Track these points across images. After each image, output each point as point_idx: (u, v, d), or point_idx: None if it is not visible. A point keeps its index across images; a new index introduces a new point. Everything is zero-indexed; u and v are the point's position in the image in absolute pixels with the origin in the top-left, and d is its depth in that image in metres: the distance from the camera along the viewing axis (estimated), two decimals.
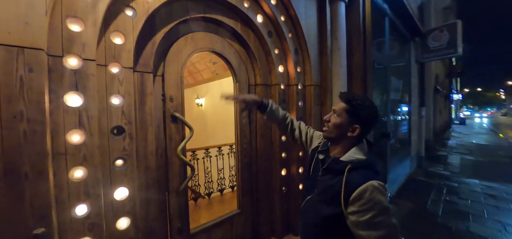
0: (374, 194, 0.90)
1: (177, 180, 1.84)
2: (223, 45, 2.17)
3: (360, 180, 0.94)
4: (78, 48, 1.20)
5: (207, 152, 3.69)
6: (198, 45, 2.00)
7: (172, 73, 1.82)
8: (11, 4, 0.96)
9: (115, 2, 1.38)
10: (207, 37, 2.05)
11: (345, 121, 1.05)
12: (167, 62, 1.79)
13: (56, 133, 1.14)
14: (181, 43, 1.87)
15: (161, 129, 1.78)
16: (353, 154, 1.03)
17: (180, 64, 1.87)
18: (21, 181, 0.98)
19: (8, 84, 0.95)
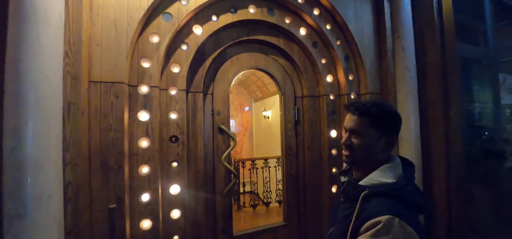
0: (390, 234, 0.67)
1: (222, 184, 2.09)
2: (267, 61, 2.33)
3: (375, 211, 0.73)
4: (147, 79, 1.67)
5: (266, 162, 3.87)
6: (243, 65, 2.24)
7: (220, 91, 2.13)
8: (108, 55, 1.49)
9: (173, 41, 1.82)
10: (251, 56, 2.26)
11: (373, 138, 0.87)
12: (216, 82, 2.12)
13: (132, 139, 1.61)
14: (227, 65, 2.17)
15: (210, 138, 2.10)
16: (375, 176, 0.84)
17: (227, 83, 2.16)
18: (109, 171, 1.46)
19: (104, 107, 1.47)
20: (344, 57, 2.36)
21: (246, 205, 3.73)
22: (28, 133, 1.16)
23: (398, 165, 0.87)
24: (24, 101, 1.15)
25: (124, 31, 1.54)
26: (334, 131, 2.37)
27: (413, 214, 0.74)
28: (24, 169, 1.14)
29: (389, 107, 0.92)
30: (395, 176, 0.83)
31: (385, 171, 0.84)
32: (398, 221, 0.69)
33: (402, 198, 0.76)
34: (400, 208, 0.73)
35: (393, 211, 0.71)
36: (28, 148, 1.16)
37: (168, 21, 1.74)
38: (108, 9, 1.51)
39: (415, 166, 0.95)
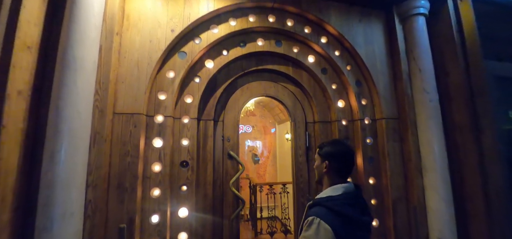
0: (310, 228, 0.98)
1: (230, 209, 2.12)
2: (277, 89, 2.41)
3: (310, 214, 1.04)
4: (162, 109, 1.88)
5: (284, 187, 3.78)
6: (253, 93, 2.36)
7: (230, 118, 2.25)
8: (130, 91, 1.75)
9: (187, 75, 2.03)
10: (261, 85, 2.37)
11: (318, 161, 1.23)
12: (226, 110, 2.26)
13: (146, 164, 1.79)
14: (238, 94, 2.30)
15: (220, 163, 2.20)
16: (322, 193, 1.15)
17: (237, 111, 2.28)
18: (123, 193, 1.64)
19: (124, 135, 1.69)
20: (355, 82, 2.31)
21: (264, 232, 3.63)
22: (60, 158, 1.40)
23: (344, 187, 1.12)
24: (59, 132, 1.41)
25: (144, 70, 1.80)
26: None
27: (339, 220, 0.99)
28: (54, 189, 1.37)
29: (335, 140, 1.34)
30: (335, 193, 1.10)
31: (330, 190, 1.13)
32: (319, 220, 0.98)
33: (330, 207, 1.03)
34: (325, 213, 1.00)
35: (318, 214, 1.00)
36: (59, 171, 1.39)
37: (182, 59, 1.97)
38: (132, 51, 1.80)
39: (361, 188, 1.22)
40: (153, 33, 1.85)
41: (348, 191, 1.11)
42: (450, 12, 2.12)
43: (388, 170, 2.13)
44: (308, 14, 2.21)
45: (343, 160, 1.16)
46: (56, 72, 1.47)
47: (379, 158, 2.24)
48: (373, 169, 2.22)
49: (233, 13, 2.10)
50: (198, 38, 2.02)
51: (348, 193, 1.10)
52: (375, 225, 2.15)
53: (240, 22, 2.12)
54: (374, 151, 2.25)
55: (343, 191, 1.10)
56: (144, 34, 1.83)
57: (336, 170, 1.16)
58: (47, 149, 1.41)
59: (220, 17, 2.07)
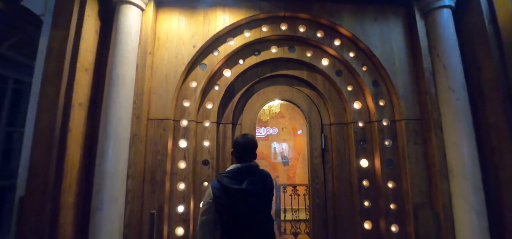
0: (208, 188, 1.58)
1: None
2: (292, 92, 2.51)
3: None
4: (186, 115, 2.17)
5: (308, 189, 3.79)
6: (268, 97, 2.51)
7: (247, 121, 2.44)
8: (160, 100, 2.08)
9: (208, 84, 2.30)
10: (276, 89, 2.51)
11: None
12: (244, 114, 2.46)
13: (173, 162, 2.10)
14: (254, 99, 2.48)
15: None
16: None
17: (253, 114, 2.46)
18: (155, 185, 1.96)
19: (155, 137, 2.03)
20: (372, 82, 2.26)
21: (287, 232, 3.70)
22: (108, 155, 1.79)
23: (237, 166, 1.61)
24: (107, 135, 1.80)
25: (171, 82, 2.12)
26: (364, 160, 2.23)
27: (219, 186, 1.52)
28: (104, 178, 1.75)
29: (241, 135, 1.75)
30: (227, 170, 1.64)
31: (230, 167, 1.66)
32: (208, 184, 1.64)
33: (218, 178, 1.58)
34: (213, 182, 1.57)
35: (211, 182, 1.59)
36: (107, 165, 1.77)
37: (203, 70, 2.24)
38: (162, 67, 2.14)
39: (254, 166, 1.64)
40: (178, 50, 2.16)
41: (237, 168, 1.58)
42: (481, 1, 1.92)
43: (409, 173, 2.03)
44: (319, 19, 2.26)
45: (240, 149, 1.64)
46: (105, 87, 1.88)
47: (398, 161, 2.14)
48: (392, 172, 2.13)
49: (247, 25, 2.30)
50: (216, 50, 2.27)
51: (236, 169, 1.57)
52: (395, 230, 2.06)
53: (254, 32, 2.30)
54: (394, 153, 2.16)
55: (232, 168, 1.59)
56: (171, 52, 2.16)
57: (236, 155, 1.66)
58: (99, 147, 1.81)
59: (235, 30, 2.29)
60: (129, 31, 1.96)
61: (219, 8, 2.24)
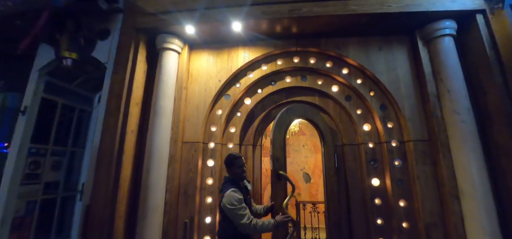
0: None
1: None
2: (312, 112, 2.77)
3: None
4: (213, 138, 2.55)
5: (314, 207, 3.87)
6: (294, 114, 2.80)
7: (277, 138, 2.74)
8: (192, 127, 2.50)
9: (231, 112, 2.68)
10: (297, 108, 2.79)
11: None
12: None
13: (202, 178, 2.46)
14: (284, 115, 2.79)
15: (258, 181, 2.68)
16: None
17: (283, 131, 2.75)
18: (187, 198, 2.32)
19: (188, 157, 2.42)
20: (380, 106, 2.44)
21: None
22: (152, 171, 2.21)
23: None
24: (151, 155, 2.24)
25: (201, 111, 2.54)
26: (376, 179, 2.37)
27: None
28: (148, 190, 2.16)
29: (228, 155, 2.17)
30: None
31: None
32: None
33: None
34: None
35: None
36: (150, 179, 2.19)
37: (227, 99, 2.64)
38: (193, 99, 2.57)
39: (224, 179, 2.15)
40: (207, 84, 2.59)
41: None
42: (481, 29, 2.06)
43: (419, 193, 2.13)
44: (328, 52, 2.56)
45: (225, 164, 2.13)
46: (150, 117, 2.35)
47: (409, 180, 2.24)
48: (403, 191, 2.24)
49: (264, 60, 2.67)
50: (238, 83, 2.66)
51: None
52: None
53: (270, 66, 2.66)
54: (404, 173, 2.27)
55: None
56: (200, 85, 2.60)
57: (230, 172, 2.11)
58: (145, 165, 2.25)
59: (254, 65, 2.68)
60: (168, 71, 2.45)
61: (240, 47, 2.67)
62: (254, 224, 1.87)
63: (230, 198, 1.87)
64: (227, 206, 1.86)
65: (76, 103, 3.19)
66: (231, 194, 1.89)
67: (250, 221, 1.87)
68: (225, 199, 1.89)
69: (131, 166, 2.29)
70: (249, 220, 1.87)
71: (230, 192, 1.91)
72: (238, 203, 1.87)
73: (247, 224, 1.85)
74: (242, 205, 1.89)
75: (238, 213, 1.85)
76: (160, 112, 2.35)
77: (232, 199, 1.87)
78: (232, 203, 1.86)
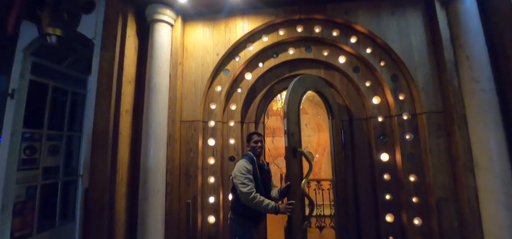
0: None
1: None
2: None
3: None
4: (213, 116, 2.42)
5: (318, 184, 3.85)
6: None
7: (291, 110, 2.61)
8: (190, 105, 2.36)
9: (231, 88, 2.52)
10: None
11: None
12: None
13: (204, 158, 2.37)
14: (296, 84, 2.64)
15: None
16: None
17: (296, 105, 2.62)
18: (189, 178, 2.25)
19: (188, 137, 2.31)
20: (391, 77, 2.27)
21: (312, 226, 3.80)
22: (150, 153, 2.11)
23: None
24: (148, 136, 2.13)
25: (199, 88, 2.38)
26: (385, 154, 2.27)
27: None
28: (148, 173, 2.08)
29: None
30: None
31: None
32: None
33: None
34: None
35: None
36: (149, 162, 2.10)
37: (226, 75, 2.47)
38: (190, 75, 2.41)
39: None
40: (204, 58, 2.41)
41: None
42: None
43: (431, 167, 2.03)
44: (334, 18, 2.33)
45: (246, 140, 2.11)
46: (145, 96, 2.21)
47: (420, 154, 2.14)
48: (414, 166, 2.14)
49: (265, 30, 2.46)
50: (237, 56, 2.47)
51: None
52: (418, 223, 2.08)
53: (272, 37, 2.45)
54: (415, 147, 2.16)
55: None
56: (197, 61, 2.42)
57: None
58: (142, 147, 2.15)
59: (254, 36, 2.47)
60: (161, 45, 2.26)
61: (239, 16, 2.44)
62: (253, 197, 1.77)
63: (238, 166, 1.89)
64: (234, 173, 1.87)
65: (67, 86, 3.03)
66: (241, 162, 1.90)
67: (251, 192, 1.78)
68: (235, 168, 1.90)
69: (129, 147, 2.19)
70: (251, 191, 1.79)
71: (241, 161, 1.92)
72: (245, 172, 1.84)
73: (246, 193, 1.77)
74: (248, 176, 1.84)
75: (242, 181, 1.81)
76: (155, 90, 2.20)
77: (240, 167, 1.87)
78: (240, 170, 1.85)
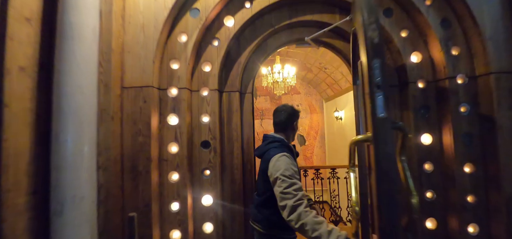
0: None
1: None
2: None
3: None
4: (175, 81, 1.59)
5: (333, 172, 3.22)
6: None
7: None
8: (137, 61, 1.50)
9: (203, 38, 1.68)
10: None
11: None
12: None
13: (161, 145, 1.56)
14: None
15: (251, 143, 1.84)
16: None
17: None
18: (137, 176, 1.45)
19: (133, 111, 1.48)
20: (441, 21, 1.54)
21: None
22: (66, 138, 1.26)
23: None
24: (61, 110, 1.26)
25: (151, 35, 1.52)
26: (427, 135, 1.59)
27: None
28: (62, 171, 1.24)
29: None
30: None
31: None
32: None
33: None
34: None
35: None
36: (65, 152, 1.26)
37: (195, 17, 1.61)
38: (137, 15, 1.53)
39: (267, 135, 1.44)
40: None
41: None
42: None
43: (500, 152, 1.38)
44: None
45: (278, 116, 1.42)
46: (56, 43, 1.31)
47: (482, 134, 1.48)
48: (471, 151, 1.49)
49: None
50: None
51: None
52: (473, 231, 1.46)
53: None
54: (474, 124, 1.49)
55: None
56: None
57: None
58: (53, 129, 1.29)
59: None
60: None
61: None
62: (301, 212, 1.06)
63: (282, 164, 1.19)
64: (275, 174, 1.18)
65: None
66: (285, 159, 1.21)
67: (298, 205, 1.08)
68: (272, 167, 1.22)
69: (30, 129, 1.32)
70: (299, 202, 1.09)
71: (283, 156, 1.22)
72: (292, 174, 1.17)
73: (294, 207, 1.08)
74: (296, 181, 1.16)
75: (288, 190, 1.12)
76: (73, 35, 1.31)
77: (286, 165, 1.19)
78: (284, 172, 1.16)
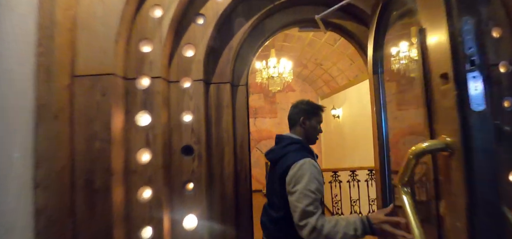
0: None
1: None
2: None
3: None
4: (147, 67, 1.22)
5: (335, 176, 2.93)
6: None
7: None
8: (95, 40, 1.12)
9: (184, 14, 1.32)
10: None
11: None
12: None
13: (128, 152, 1.19)
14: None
15: (245, 148, 1.50)
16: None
17: None
18: (93, 195, 1.08)
19: (88, 107, 1.10)
20: None
21: None
22: None
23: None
24: None
25: (114, 6, 1.14)
26: None
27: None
28: None
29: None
30: None
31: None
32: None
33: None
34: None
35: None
36: None
37: None
38: None
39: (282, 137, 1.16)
40: None
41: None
42: None
43: None
44: None
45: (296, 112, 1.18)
46: None
47: None
48: None
49: None
50: None
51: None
52: None
53: None
54: None
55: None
56: None
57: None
58: None
59: None
60: None
61: None
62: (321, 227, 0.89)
63: (307, 174, 0.95)
64: (295, 181, 0.96)
65: None
66: (309, 168, 0.97)
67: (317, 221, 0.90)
68: (293, 175, 0.97)
69: None
70: (317, 219, 0.90)
71: (306, 164, 0.98)
72: (319, 187, 0.96)
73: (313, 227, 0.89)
74: (319, 197, 0.95)
75: (310, 208, 0.91)
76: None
77: (311, 176, 0.95)
78: (307, 184, 0.93)
